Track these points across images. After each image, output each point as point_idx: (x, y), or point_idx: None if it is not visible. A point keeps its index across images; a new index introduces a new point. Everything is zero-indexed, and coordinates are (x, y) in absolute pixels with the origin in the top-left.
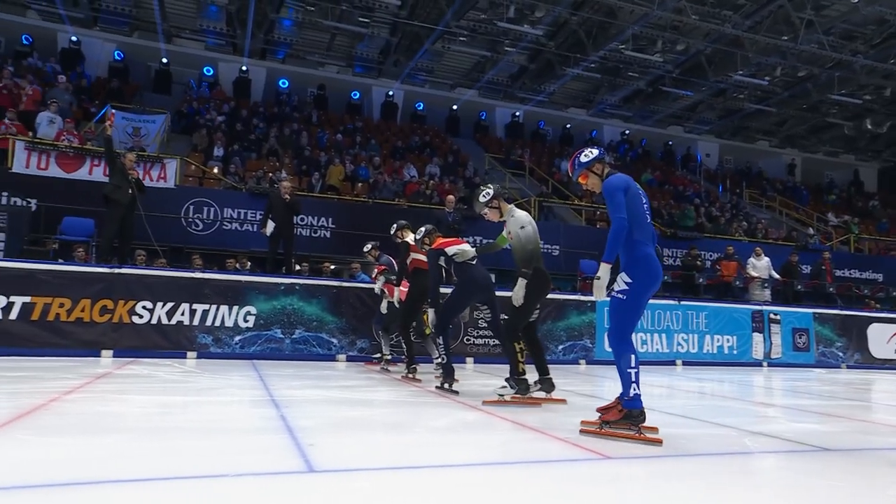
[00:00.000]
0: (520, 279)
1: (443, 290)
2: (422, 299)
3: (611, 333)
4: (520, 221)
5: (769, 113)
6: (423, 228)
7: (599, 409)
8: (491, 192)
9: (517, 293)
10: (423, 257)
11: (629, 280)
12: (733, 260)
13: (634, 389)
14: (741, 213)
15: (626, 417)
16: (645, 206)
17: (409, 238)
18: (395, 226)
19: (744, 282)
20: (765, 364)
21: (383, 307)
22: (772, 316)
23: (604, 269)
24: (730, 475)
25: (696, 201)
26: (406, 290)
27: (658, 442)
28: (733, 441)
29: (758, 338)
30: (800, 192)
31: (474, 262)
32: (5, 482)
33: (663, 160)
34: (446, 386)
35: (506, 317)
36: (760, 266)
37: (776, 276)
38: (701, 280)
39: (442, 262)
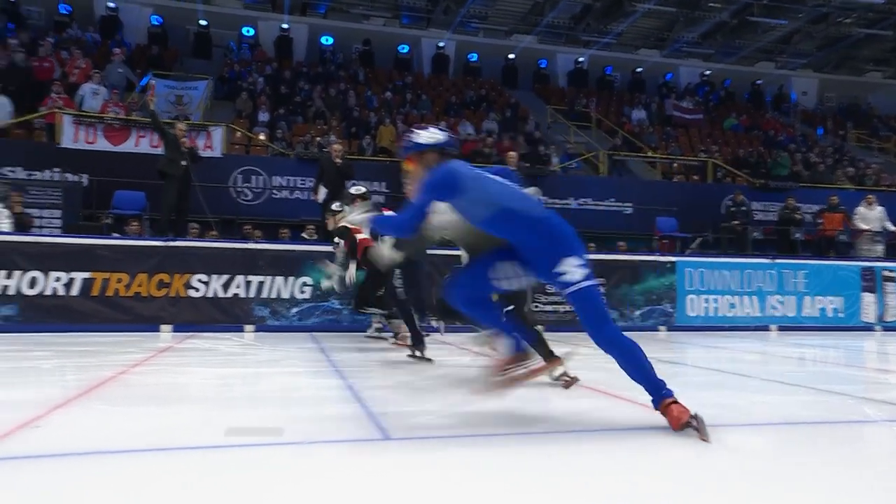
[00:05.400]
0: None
1: None
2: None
3: (598, 328)
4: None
5: (882, 38)
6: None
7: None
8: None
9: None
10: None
11: (580, 262)
12: (838, 211)
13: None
14: (846, 158)
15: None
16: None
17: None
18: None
19: (851, 235)
20: (878, 328)
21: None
22: (886, 273)
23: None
24: (852, 445)
25: (791, 147)
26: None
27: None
28: (850, 409)
29: (869, 298)
30: None
31: None
32: (92, 448)
33: (751, 102)
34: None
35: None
36: (872, 217)
37: (891, 227)
38: (798, 235)
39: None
